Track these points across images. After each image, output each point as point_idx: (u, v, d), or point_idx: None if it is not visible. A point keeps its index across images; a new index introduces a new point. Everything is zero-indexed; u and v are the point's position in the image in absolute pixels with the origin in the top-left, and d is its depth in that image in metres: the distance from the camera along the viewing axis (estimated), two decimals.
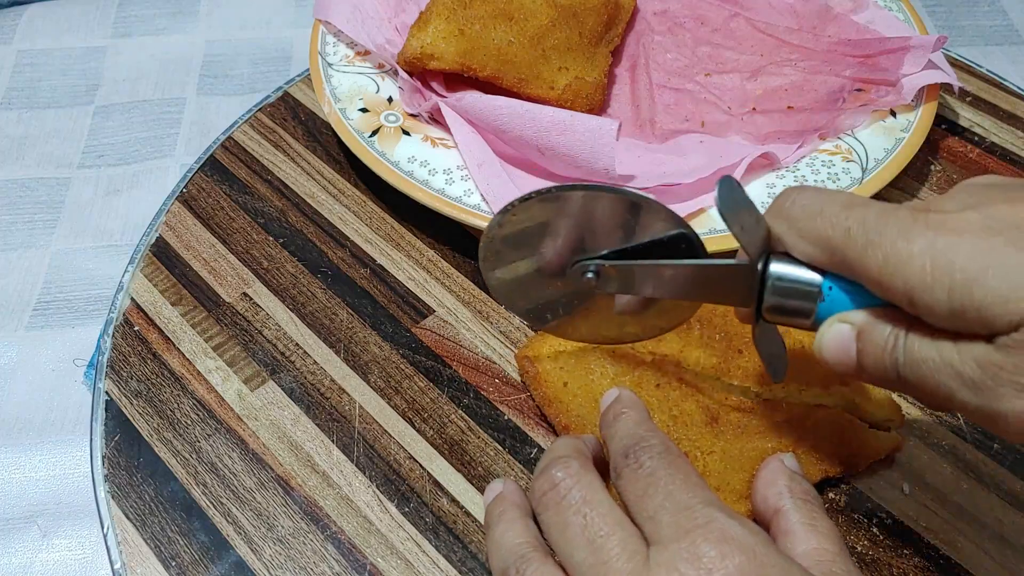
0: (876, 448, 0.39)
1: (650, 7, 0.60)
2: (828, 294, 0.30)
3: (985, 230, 0.26)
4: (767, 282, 0.31)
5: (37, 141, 0.64)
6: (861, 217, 0.28)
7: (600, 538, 0.29)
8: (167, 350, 0.45)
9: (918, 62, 0.51)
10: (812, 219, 0.30)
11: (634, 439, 0.32)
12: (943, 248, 0.26)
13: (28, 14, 0.74)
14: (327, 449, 0.41)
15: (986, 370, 0.26)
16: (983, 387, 0.26)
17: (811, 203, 0.30)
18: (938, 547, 0.37)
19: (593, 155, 0.45)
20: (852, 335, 0.30)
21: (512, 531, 0.32)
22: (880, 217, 0.28)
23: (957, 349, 0.27)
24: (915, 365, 0.28)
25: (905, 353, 0.28)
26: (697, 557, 0.27)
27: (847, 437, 0.38)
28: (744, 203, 0.31)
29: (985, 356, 0.26)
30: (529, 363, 0.41)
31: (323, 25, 0.56)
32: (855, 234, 0.28)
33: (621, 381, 0.39)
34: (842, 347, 0.30)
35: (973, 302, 0.25)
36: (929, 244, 0.26)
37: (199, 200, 0.52)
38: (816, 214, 0.30)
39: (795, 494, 0.33)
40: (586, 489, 0.31)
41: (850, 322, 0.30)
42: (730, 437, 0.37)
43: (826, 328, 0.31)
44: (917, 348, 0.28)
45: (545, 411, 0.41)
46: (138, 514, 0.39)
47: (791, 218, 0.30)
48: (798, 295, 0.31)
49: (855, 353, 0.30)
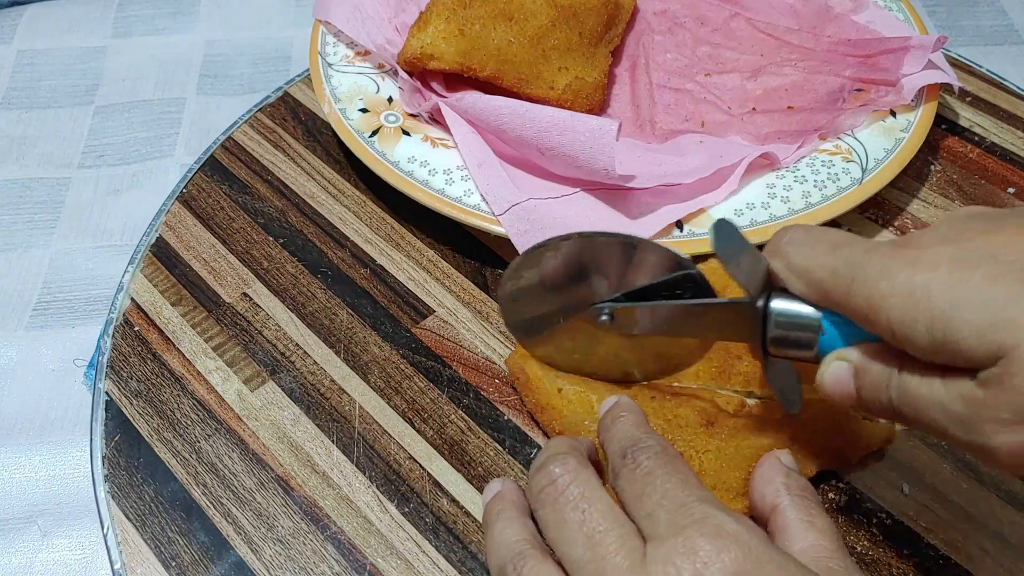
0: (870, 439, 0.39)
1: (650, 7, 0.60)
2: (828, 328, 0.31)
3: (961, 263, 0.26)
4: (769, 318, 0.32)
5: (37, 141, 0.64)
6: (847, 257, 0.29)
7: (598, 534, 0.29)
8: (167, 350, 0.45)
9: (918, 62, 0.51)
10: (804, 259, 0.31)
11: (632, 440, 0.32)
12: (920, 283, 0.26)
13: (28, 14, 0.74)
14: (327, 449, 0.41)
15: (971, 406, 0.26)
16: (969, 423, 0.26)
17: (803, 243, 0.31)
18: (938, 547, 0.37)
19: (593, 155, 0.45)
20: (850, 372, 0.30)
21: (510, 529, 0.32)
22: (864, 256, 0.29)
23: (944, 385, 0.27)
24: (908, 402, 0.28)
25: (899, 390, 0.29)
26: (693, 551, 0.27)
27: (842, 429, 0.38)
28: (740, 243, 0.32)
29: (969, 392, 0.26)
30: (520, 369, 0.41)
31: (323, 25, 0.56)
32: (841, 274, 0.29)
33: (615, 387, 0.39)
34: (842, 383, 0.31)
35: (951, 336, 0.26)
36: (907, 280, 0.27)
37: (199, 200, 0.52)
38: (807, 255, 0.30)
39: (792, 491, 0.33)
40: (584, 485, 0.31)
41: (847, 359, 0.31)
42: (725, 436, 0.37)
43: (826, 366, 0.31)
44: (909, 385, 0.28)
45: (537, 417, 0.41)
46: (138, 514, 0.39)
47: (786, 257, 0.31)
48: (799, 329, 0.32)
49: (854, 389, 0.31)
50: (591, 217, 0.46)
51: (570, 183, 0.47)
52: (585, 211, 0.46)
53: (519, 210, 0.45)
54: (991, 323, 0.25)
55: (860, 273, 0.28)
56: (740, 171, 0.47)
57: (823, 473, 0.39)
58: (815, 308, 0.31)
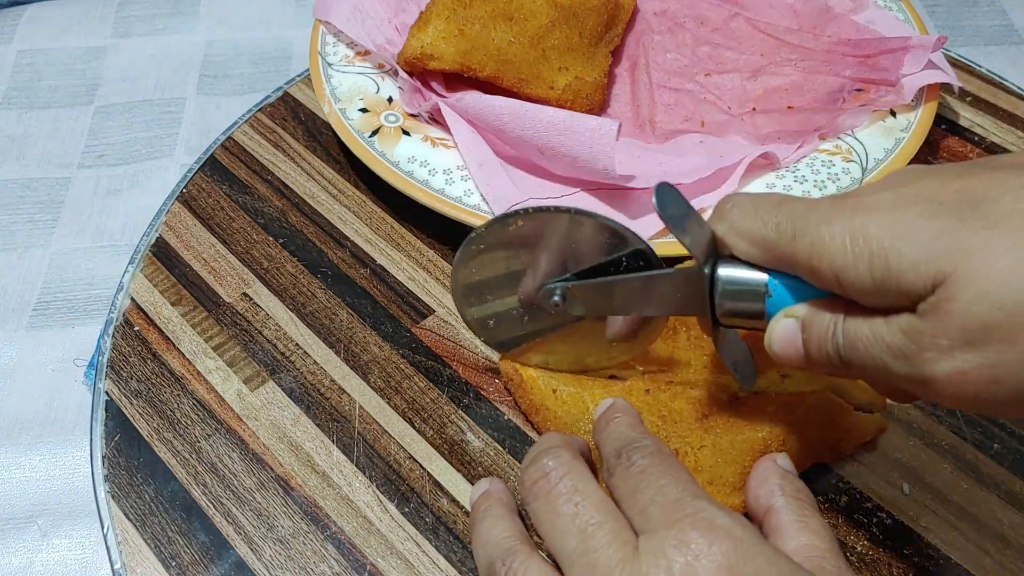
0: (862, 430, 0.39)
1: (650, 7, 0.60)
2: (774, 290, 0.31)
3: (899, 205, 0.27)
4: (716, 286, 0.32)
5: (37, 141, 0.64)
6: (789, 211, 0.30)
7: (591, 526, 0.29)
8: (167, 350, 0.45)
9: (918, 62, 0.51)
10: (748, 219, 0.31)
11: (626, 440, 0.33)
12: (860, 225, 0.27)
13: (28, 14, 0.74)
14: (327, 449, 0.41)
15: (911, 338, 0.27)
16: (910, 355, 0.27)
17: (747, 204, 0.31)
18: (938, 547, 0.37)
19: (593, 155, 0.45)
20: (797, 327, 0.31)
21: (498, 526, 0.33)
22: (806, 208, 0.29)
23: (886, 323, 0.28)
24: (853, 346, 0.29)
25: (843, 335, 0.29)
26: (685, 543, 0.27)
27: (835, 421, 0.38)
28: (686, 209, 0.32)
29: (908, 324, 0.27)
30: (514, 370, 0.41)
31: (323, 25, 0.56)
32: (784, 228, 0.29)
33: (610, 387, 0.39)
34: (789, 340, 0.31)
35: (890, 272, 0.26)
36: (847, 223, 0.28)
37: (199, 200, 0.52)
38: (751, 215, 0.31)
39: (787, 492, 0.33)
40: (577, 479, 0.31)
41: (794, 315, 0.31)
42: (720, 431, 0.37)
43: (773, 324, 0.31)
44: (853, 329, 0.29)
45: (532, 418, 0.41)
46: (138, 514, 0.39)
47: (730, 220, 0.31)
48: (746, 296, 0.32)
49: (801, 344, 0.31)
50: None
51: (570, 183, 0.47)
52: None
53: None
54: (927, 254, 0.26)
55: (802, 224, 0.29)
56: (740, 171, 0.47)
57: (823, 473, 0.40)
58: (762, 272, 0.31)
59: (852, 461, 0.40)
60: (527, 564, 0.30)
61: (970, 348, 0.25)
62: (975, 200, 0.26)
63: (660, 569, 0.27)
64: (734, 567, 0.27)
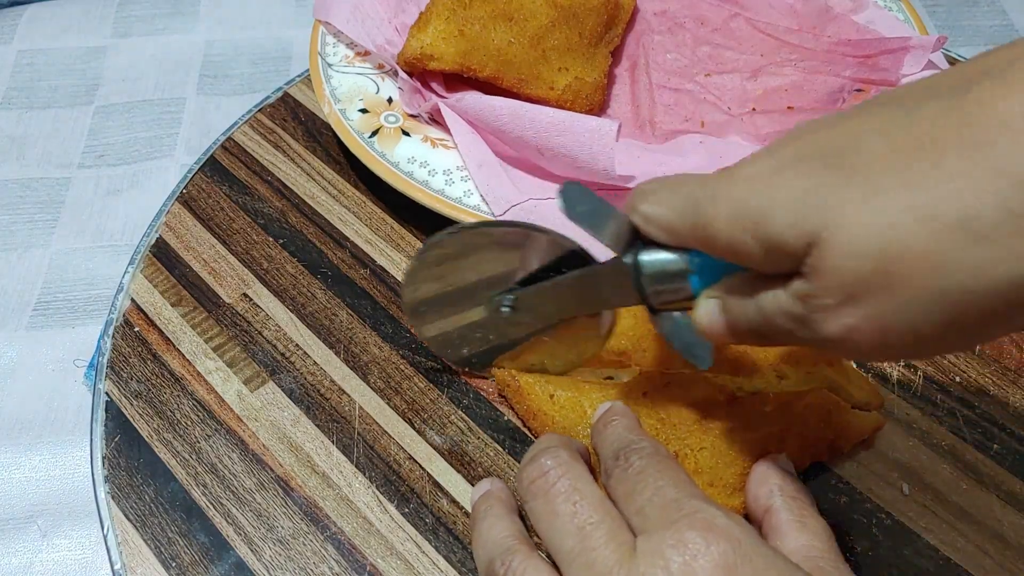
0: (860, 428, 0.39)
1: (650, 7, 0.60)
2: (696, 268, 0.31)
3: (776, 169, 0.26)
4: (641, 273, 0.32)
5: (37, 141, 0.64)
6: (686, 193, 0.29)
7: (589, 525, 0.29)
8: (167, 351, 0.45)
9: (918, 62, 0.51)
10: (653, 206, 0.30)
11: (624, 442, 0.33)
12: (740, 197, 0.27)
13: (28, 14, 0.74)
14: (327, 450, 0.41)
15: (802, 301, 0.26)
16: (806, 319, 0.26)
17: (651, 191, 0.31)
18: (938, 547, 0.37)
19: (593, 156, 0.45)
20: (719, 307, 0.30)
21: (498, 526, 0.33)
22: (699, 188, 0.29)
23: (784, 291, 0.27)
24: (765, 319, 0.28)
25: (756, 311, 0.29)
26: (683, 543, 0.27)
27: (833, 419, 0.38)
28: (596, 203, 0.32)
29: (798, 288, 0.26)
30: (511, 376, 0.41)
31: (323, 25, 0.56)
32: (684, 211, 0.29)
33: (608, 391, 0.39)
34: (713, 320, 0.31)
35: (771, 239, 0.26)
36: (729, 198, 0.27)
37: (199, 201, 0.52)
38: (656, 201, 0.30)
39: (785, 492, 0.33)
40: (575, 478, 0.31)
41: (714, 295, 0.31)
42: (719, 432, 0.37)
43: (698, 306, 0.31)
44: (762, 302, 0.28)
45: (530, 424, 0.41)
46: (138, 515, 0.39)
47: (640, 211, 0.31)
48: (670, 278, 0.32)
49: (724, 324, 0.30)
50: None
51: None
52: None
53: (519, 210, 0.45)
54: (798, 214, 0.25)
55: (694, 205, 0.29)
56: None
57: (822, 474, 0.40)
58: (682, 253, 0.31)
59: (851, 461, 0.40)
60: (526, 563, 0.30)
61: (852, 303, 0.25)
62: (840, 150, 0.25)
63: (658, 569, 0.27)
64: (732, 567, 0.27)
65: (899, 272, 0.24)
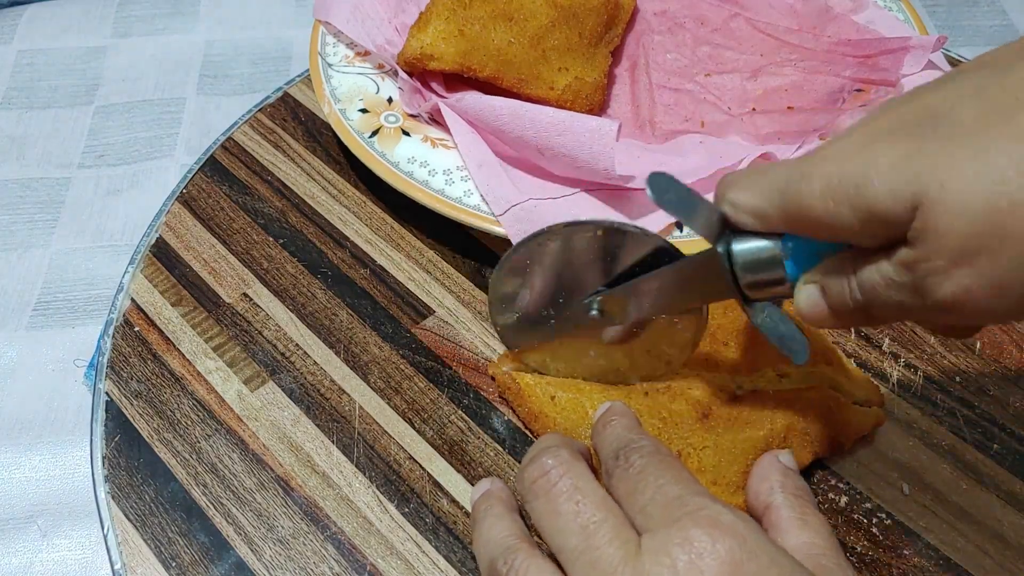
0: (861, 424, 0.39)
1: (650, 7, 0.60)
2: (789, 252, 0.31)
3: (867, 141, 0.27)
4: (734, 262, 0.32)
5: (37, 141, 0.64)
6: (774, 177, 0.29)
7: (593, 524, 0.29)
8: (167, 351, 0.45)
9: (918, 62, 0.51)
10: (743, 194, 0.30)
11: (624, 441, 0.33)
12: (834, 171, 0.27)
13: (28, 14, 0.74)
14: (327, 450, 0.41)
15: (910, 269, 0.26)
16: (917, 287, 0.26)
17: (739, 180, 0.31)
18: (938, 547, 0.37)
19: (593, 156, 0.45)
20: (818, 291, 0.30)
21: (499, 525, 0.33)
22: (787, 170, 0.29)
23: (888, 262, 0.27)
24: (869, 294, 0.28)
25: (859, 287, 0.29)
26: (688, 541, 0.27)
27: (834, 416, 0.39)
28: (685, 192, 0.32)
29: (905, 256, 0.26)
30: (511, 379, 0.41)
31: (323, 25, 0.56)
32: (774, 195, 0.29)
33: (609, 391, 0.39)
34: (815, 304, 0.31)
35: (870, 207, 0.26)
36: (822, 174, 0.27)
37: (199, 200, 0.52)
38: (745, 188, 0.30)
39: (786, 490, 0.33)
40: (577, 477, 0.31)
41: (813, 280, 0.31)
42: (722, 430, 0.37)
43: (797, 293, 0.31)
44: (865, 279, 0.28)
45: (531, 425, 0.41)
46: (138, 515, 0.39)
47: (729, 200, 0.31)
48: (764, 265, 0.31)
49: (826, 307, 0.30)
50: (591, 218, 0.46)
51: (570, 183, 0.47)
52: (585, 211, 0.46)
53: (519, 210, 0.45)
54: (898, 179, 0.25)
55: (786, 186, 0.29)
56: None
57: (823, 473, 0.40)
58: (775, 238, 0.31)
59: (851, 461, 0.40)
60: (528, 562, 0.30)
61: (965, 263, 0.25)
62: (936, 115, 0.26)
63: (663, 567, 0.27)
64: (738, 564, 0.27)
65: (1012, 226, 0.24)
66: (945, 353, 0.44)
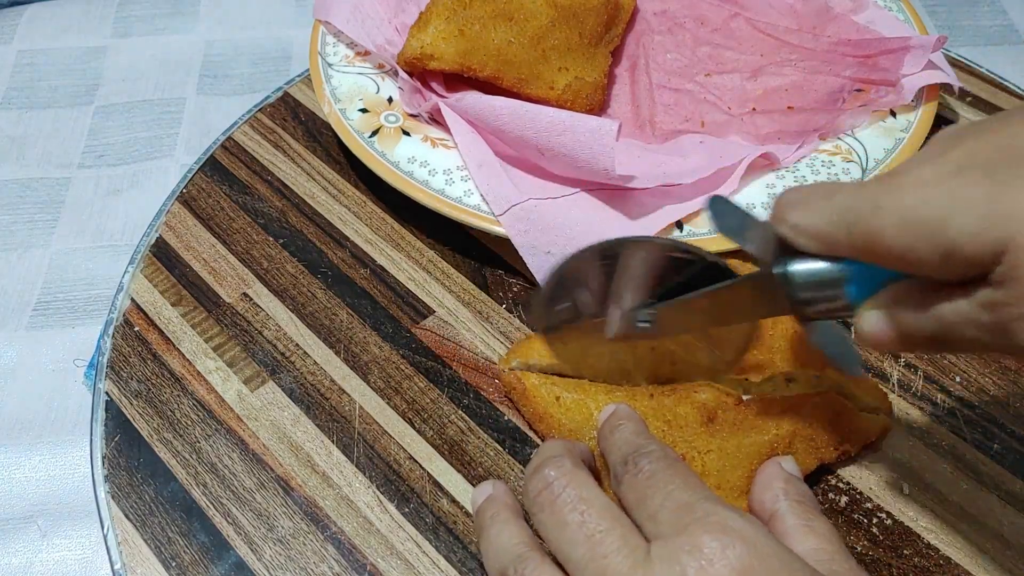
0: (868, 430, 0.39)
1: (650, 7, 0.60)
2: (852, 277, 0.30)
3: (942, 177, 0.26)
4: (793, 283, 0.31)
5: (37, 141, 0.64)
6: (839, 203, 0.29)
7: (599, 533, 0.29)
8: (167, 351, 0.45)
9: (918, 62, 0.51)
10: (803, 217, 0.30)
11: (632, 447, 0.32)
12: (909, 207, 0.26)
13: (28, 14, 0.74)
14: (327, 449, 0.41)
15: (994, 311, 0.26)
16: (1000, 328, 0.26)
17: (799, 201, 0.31)
18: (938, 547, 0.37)
19: (593, 156, 0.45)
20: (884, 318, 0.30)
21: (507, 532, 0.32)
22: (854, 198, 0.28)
23: (968, 300, 0.27)
24: (945, 328, 0.28)
25: (932, 320, 0.28)
26: (698, 548, 0.27)
27: (841, 421, 0.38)
28: (741, 216, 0.32)
29: (988, 297, 0.26)
30: (517, 379, 0.41)
31: (323, 25, 0.56)
32: (839, 222, 0.29)
33: (614, 393, 0.39)
34: (880, 332, 0.30)
35: (953, 246, 0.26)
36: (896, 208, 0.27)
37: (199, 200, 0.52)
38: (806, 210, 0.30)
39: (790, 496, 0.33)
40: (581, 487, 0.31)
41: (879, 306, 0.30)
42: (726, 435, 0.37)
43: (863, 318, 0.31)
44: (940, 312, 0.28)
45: (536, 426, 0.40)
46: (138, 514, 0.39)
47: (789, 222, 0.31)
48: (825, 286, 0.31)
49: (894, 335, 0.30)
50: (591, 218, 0.46)
51: (570, 183, 0.47)
52: (585, 211, 0.46)
53: (519, 210, 0.45)
54: (982, 223, 0.25)
55: (853, 215, 0.28)
56: (740, 171, 0.47)
57: (823, 475, 0.40)
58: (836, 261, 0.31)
59: (852, 461, 0.40)
60: (539, 570, 0.30)
61: None
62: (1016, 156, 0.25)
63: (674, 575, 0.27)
64: (749, 569, 0.27)
65: None
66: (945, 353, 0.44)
